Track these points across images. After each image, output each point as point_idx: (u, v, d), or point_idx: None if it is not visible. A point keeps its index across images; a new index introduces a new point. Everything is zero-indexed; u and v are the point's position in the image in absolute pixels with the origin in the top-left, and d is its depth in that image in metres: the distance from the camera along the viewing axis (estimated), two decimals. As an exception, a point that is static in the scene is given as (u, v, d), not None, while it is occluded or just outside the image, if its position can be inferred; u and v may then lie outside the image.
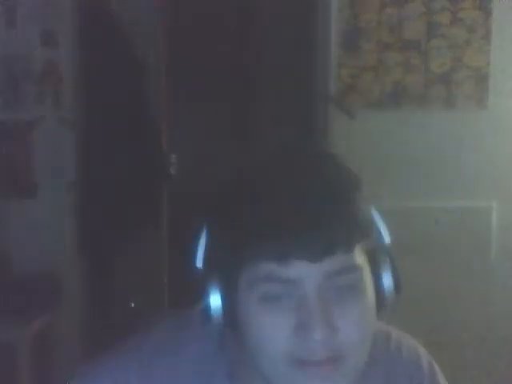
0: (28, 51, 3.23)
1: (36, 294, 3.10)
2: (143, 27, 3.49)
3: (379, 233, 0.95)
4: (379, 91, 3.29)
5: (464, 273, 3.29)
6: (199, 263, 0.93)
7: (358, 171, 0.96)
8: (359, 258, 0.90)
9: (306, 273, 0.86)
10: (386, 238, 0.95)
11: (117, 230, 3.40)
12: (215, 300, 0.91)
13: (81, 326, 3.33)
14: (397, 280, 0.93)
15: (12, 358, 2.92)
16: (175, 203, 3.75)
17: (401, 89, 3.29)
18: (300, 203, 0.86)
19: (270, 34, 3.93)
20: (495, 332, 3.26)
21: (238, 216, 0.89)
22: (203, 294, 0.91)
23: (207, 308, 0.91)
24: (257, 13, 3.98)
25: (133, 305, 3.50)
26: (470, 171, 3.28)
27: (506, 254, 3.33)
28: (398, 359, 1.06)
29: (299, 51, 3.71)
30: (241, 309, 0.90)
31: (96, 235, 3.35)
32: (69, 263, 3.29)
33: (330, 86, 3.31)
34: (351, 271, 0.89)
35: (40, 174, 3.29)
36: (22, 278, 3.17)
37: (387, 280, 0.93)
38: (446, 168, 3.30)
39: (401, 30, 3.26)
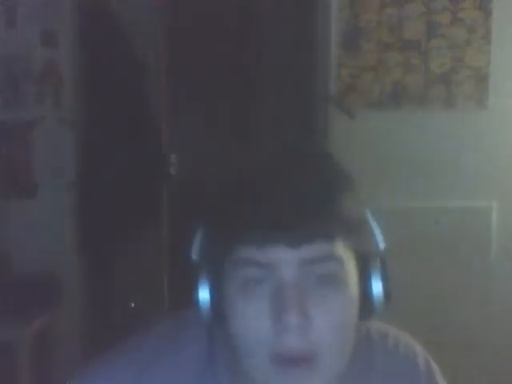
0: (28, 51, 3.23)
1: (36, 294, 3.10)
2: (143, 27, 3.49)
3: (373, 237, 0.94)
4: (379, 91, 3.29)
5: (464, 273, 3.29)
6: (194, 254, 0.94)
7: (357, 171, 0.96)
8: (341, 250, 0.89)
9: (283, 258, 0.87)
10: (380, 243, 0.94)
11: (117, 230, 3.40)
12: (203, 291, 0.92)
13: (81, 325, 3.33)
14: (387, 286, 0.92)
15: (12, 357, 2.92)
16: (175, 203, 3.75)
17: (401, 89, 3.29)
18: (283, 193, 0.88)
19: (270, 34, 3.92)
20: (495, 332, 3.26)
21: (224, 205, 0.92)
22: (194, 286, 0.92)
23: (196, 300, 0.92)
24: (257, 13, 3.98)
25: (133, 305, 3.50)
26: (470, 171, 3.28)
27: (506, 254, 3.33)
28: (396, 358, 1.06)
29: (299, 51, 3.71)
30: (225, 300, 0.91)
31: (96, 235, 3.35)
32: (69, 263, 3.29)
33: (329, 85, 3.31)
34: (330, 260, 0.88)
35: (40, 174, 3.29)
36: (21, 278, 3.17)
37: (376, 285, 0.92)
38: (445, 168, 3.30)
39: (401, 29, 3.26)
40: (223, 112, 3.98)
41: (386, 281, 0.92)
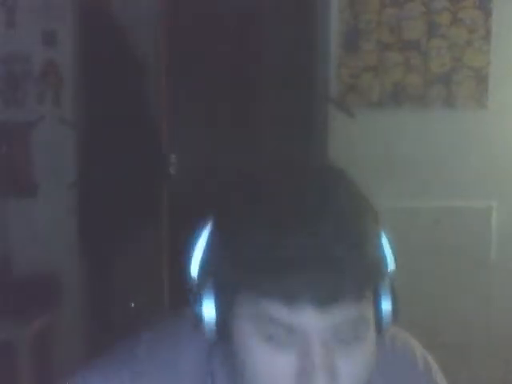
0: (28, 51, 3.23)
1: (36, 294, 3.10)
2: (143, 27, 3.49)
3: (385, 259, 0.90)
4: (379, 91, 3.29)
5: (464, 273, 3.29)
6: (194, 270, 0.90)
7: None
8: (367, 305, 0.86)
9: (313, 323, 0.83)
10: (392, 265, 0.91)
11: (117, 230, 3.40)
12: (209, 312, 0.88)
13: (81, 326, 3.33)
14: (397, 309, 0.90)
15: (12, 357, 2.93)
16: (175, 203, 3.75)
17: (401, 89, 3.28)
18: (312, 240, 0.81)
19: (270, 34, 3.92)
20: (495, 332, 3.26)
21: (245, 236, 0.84)
22: (196, 302, 0.88)
23: (199, 318, 0.88)
24: (257, 13, 3.98)
25: (133, 305, 3.50)
26: (470, 171, 3.28)
27: (506, 254, 3.33)
28: (392, 355, 1.05)
29: (299, 51, 3.71)
30: (237, 332, 0.87)
31: (96, 235, 3.35)
32: (69, 263, 3.29)
33: (329, 85, 3.31)
34: (360, 323, 0.85)
35: (40, 174, 3.29)
36: (22, 278, 3.17)
37: (387, 310, 0.89)
38: (445, 168, 3.30)
39: (401, 30, 3.26)
40: (223, 112, 3.98)
41: (395, 302, 0.90)
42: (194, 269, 0.90)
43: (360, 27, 3.25)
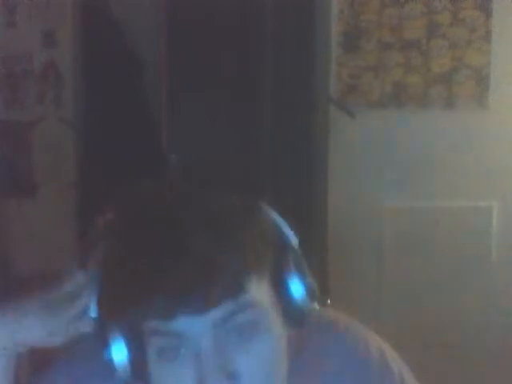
0: (28, 51, 3.22)
1: (36, 294, 3.09)
2: (143, 27, 3.49)
3: (284, 236, 0.89)
4: (379, 91, 3.28)
5: (464, 273, 3.29)
6: (93, 312, 0.90)
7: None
8: (255, 290, 0.84)
9: (195, 325, 0.83)
10: (293, 241, 0.90)
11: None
12: (119, 354, 0.87)
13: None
14: (310, 290, 0.88)
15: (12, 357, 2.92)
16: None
17: (401, 89, 3.28)
18: (177, 258, 0.81)
19: (271, 34, 3.92)
20: (495, 332, 3.26)
21: (122, 273, 0.86)
22: (102, 344, 0.88)
23: (111, 361, 0.87)
24: (257, 13, 3.98)
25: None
26: (470, 171, 3.28)
27: (506, 254, 3.33)
28: (345, 348, 1.03)
29: (299, 51, 3.71)
30: (145, 363, 0.87)
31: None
32: (69, 263, 3.29)
33: (329, 85, 3.31)
34: (245, 310, 0.84)
35: (40, 174, 3.28)
36: (21, 278, 3.17)
37: (298, 294, 0.87)
38: (446, 168, 3.29)
39: (401, 29, 3.26)
40: (223, 112, 3.98)
41: (305, 280, 0.88)
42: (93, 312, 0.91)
43: (360, 27, 3.25)
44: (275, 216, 0.91)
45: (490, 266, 3.33)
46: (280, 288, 0.88)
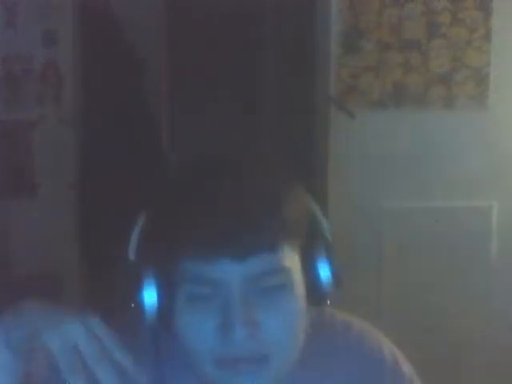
0: (28, 51, 3.23)
1: (36, 293, 3.09)
2: (143, 27, 3.49)
3: (319, 227, 0.96)
4: (379, 91, 3.29)
5: (464, 273, 3.29)
6: (132, 255, 0.96)
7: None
8: (288, 257, 0.90)
9: (229, 273, 0.88)
10: (326, 233, 0.96)
11: (117, 230, 3.39)
12: (150, 297, 0.92)
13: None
14: (335, 274, 0.93)
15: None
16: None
17: (401, 89, 3.28)
18: (225, 205, 0.88)
19: (270, 34, 3.93)
20: (495, 332, 3.26)
21: (170, 216, 0.93)
22: (136, 289, 0.93)
23: (141, 304, 0.93)
24: (257, 13, 3.98)
25: (133, 305, 3.50)
26: (470, 171, 3.28)
27: (506, 254, 3.33)
28: (359, 349, 1.05)
29: (299, 51, 3.71)
30: (173, 308, 0.92)
31: (96, 235, 3.35)
32: (69, 263, 3.29)
33: (329, 85, 3.31)
34: (277, 273, 0.90)
35: (40, 173, 3.29)
36: (21, 277, 3.17)
37: (324, 274, 0.93)
38: (445, 168, 3.29)
39: (401, 29, 3.26)
40: (223, 112, 3.98)
41: (334, 269, 0.93)
42: (132, 253, 0.97)
43: (360, 27, 3.25)
44: (312, 201, 0.98)
45: (489, 266, 3.33)
46: (308, 266, 0.93)
